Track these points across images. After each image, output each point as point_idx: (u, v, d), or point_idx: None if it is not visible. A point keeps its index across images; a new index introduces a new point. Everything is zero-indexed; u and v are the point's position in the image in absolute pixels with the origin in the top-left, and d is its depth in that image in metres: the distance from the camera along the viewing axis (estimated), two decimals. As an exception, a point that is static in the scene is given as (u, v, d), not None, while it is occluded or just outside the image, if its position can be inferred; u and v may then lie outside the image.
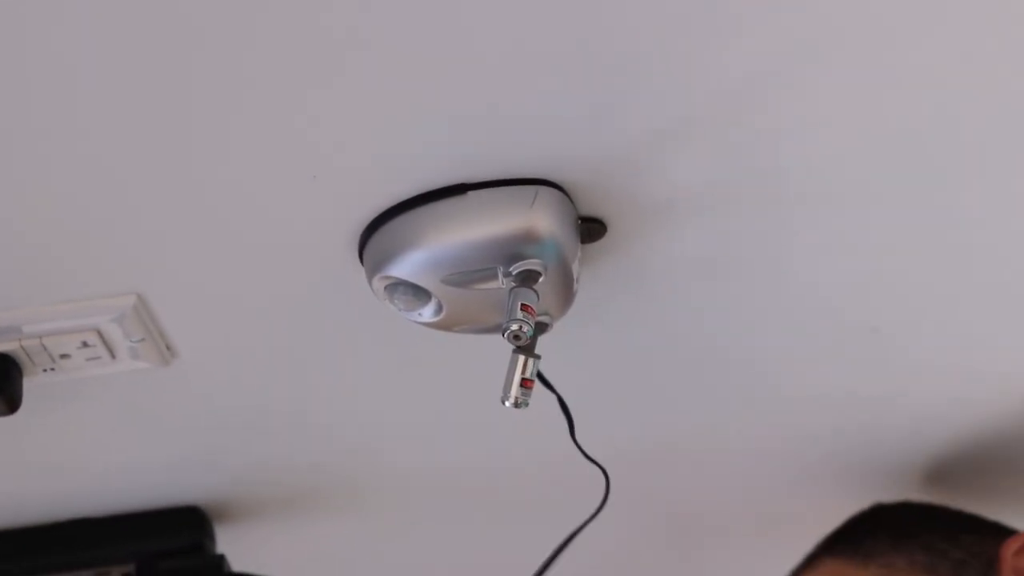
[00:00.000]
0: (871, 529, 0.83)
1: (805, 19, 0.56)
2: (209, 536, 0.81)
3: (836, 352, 0.76)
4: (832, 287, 0.70)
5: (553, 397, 0.66)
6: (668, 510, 0.89)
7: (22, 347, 0.67)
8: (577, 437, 0.71)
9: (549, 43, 0.55)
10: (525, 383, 0.61)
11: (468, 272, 0.62)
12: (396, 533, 0.87)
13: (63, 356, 0.68)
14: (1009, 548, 0.78)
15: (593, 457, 0.72)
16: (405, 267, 0.62)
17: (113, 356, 0.68)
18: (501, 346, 0.62)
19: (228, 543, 0.82)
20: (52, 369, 0.69)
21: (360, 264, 0.63)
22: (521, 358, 0.61)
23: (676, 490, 0.87)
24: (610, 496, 0.82)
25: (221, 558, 0.79)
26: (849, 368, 0.77)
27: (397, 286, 0.63)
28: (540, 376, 0.63)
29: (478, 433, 0.79)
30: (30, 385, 0.68)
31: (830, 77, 0.58)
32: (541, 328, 0.63)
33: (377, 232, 0.62)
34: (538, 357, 0.62)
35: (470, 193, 0.61)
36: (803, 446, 0.83)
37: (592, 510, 0.76)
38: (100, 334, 0.67)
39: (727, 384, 0.78)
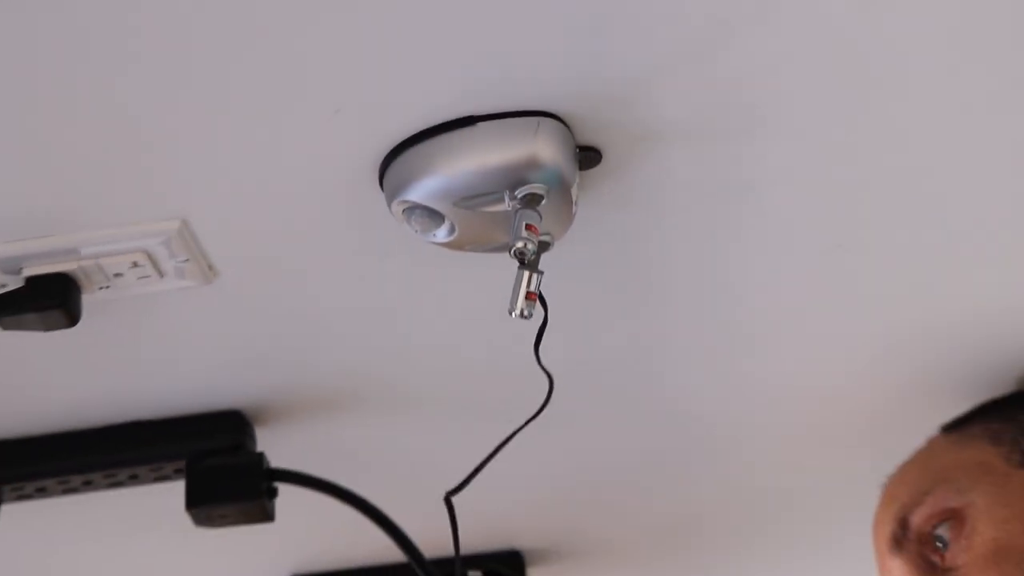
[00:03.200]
0: (984, 409, 0.82)
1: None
2: (250, 437, 0.83)
3: (813, 268, 0.76)
4: (804, 206, 0.71)
5: (553, 308, 0.67)
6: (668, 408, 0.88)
7: (80, 267, 0.69)
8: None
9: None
10: (530, 296, 0.64)
11: (478, 196, 0.63)
12: (416, 430, 0.88)
13: (116, 275, 0.70)
14: None
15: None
16: (421, 192, 0.64)
17: (161, 275, 0.70)
18: (507, 264, 0.64)
19: (266, 443, 0.84)
20: (107, 287, 0.71)
21: (380, 190, 0.66)
22: (526, 273, 0.64)
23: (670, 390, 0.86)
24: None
25: (261, 455, 0.81)
26: (820, 287, 0.77)
27: (414, 209, 0.65)
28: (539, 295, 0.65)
29: (488, 341, 0.80)
30: (88, 301, 0.70)
31: (798, 19, 0.59)
32: (543, 246, 0.65)
33: (395, 161, 0.64)
34: (541, 272, 0.64)
35: (479, 124, 0.63)
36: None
37: (585, 410, 0.79)
38: (149, 255, 0.69)
39: (708, 297, 0.78)
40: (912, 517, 0.77)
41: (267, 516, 0.81)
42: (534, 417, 0.70)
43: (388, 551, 0.81)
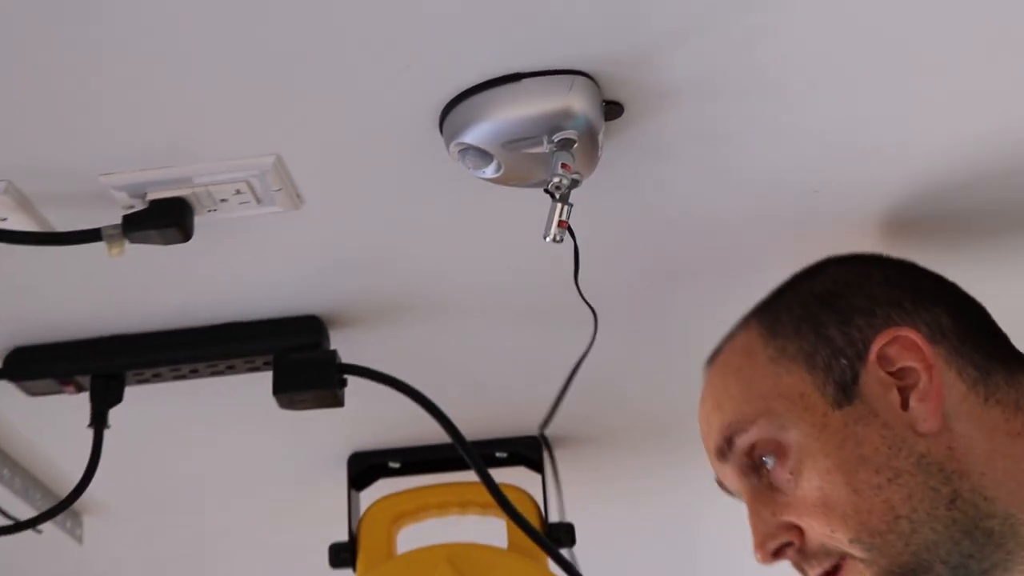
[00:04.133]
0: (795, 297, 0.77)
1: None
2: (325, 337, 0.90)
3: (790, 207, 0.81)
4: (785, 156, 0.76)
5: (579, 236, 0.75)
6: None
7: (193, 193, 0.75)
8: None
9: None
10: (561, 224, 0.70)
11: (521, 139, 0.69)
12: (461, 335, 0.93)
13: (222, 200, 0.76)
14: (879, 342, 0.74)
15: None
16: (474, 136, 0.70)
17: (258, 201, 0.76)
18: (542, 199, 0.71)
19: (339, 342, 0.91)
20: (215, 210, 0.77)
21: (440, 134, 0.72)
22: (559, 205, 0.70)
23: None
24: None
25: (334, 353, 0.89)
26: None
27: (467, 150, 0.70)
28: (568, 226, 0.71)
29: (524, 263, 0.86)
30: (199, 222, 0.77)
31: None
32: (574, 183, 0.70)
33: (453, 109, 0.70)
34: (571, 204, 0.70)
35: (523, 80, 0.68)
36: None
37: (600, 320, 0.84)
38: (249, 184, 0.75)
39: (704, 225, 0.83)
40: (737, 440, 0.75)
41: (338, 402, 0.89)
42: (587, 352, 0.78)
43: (434, 433, 0.87)
